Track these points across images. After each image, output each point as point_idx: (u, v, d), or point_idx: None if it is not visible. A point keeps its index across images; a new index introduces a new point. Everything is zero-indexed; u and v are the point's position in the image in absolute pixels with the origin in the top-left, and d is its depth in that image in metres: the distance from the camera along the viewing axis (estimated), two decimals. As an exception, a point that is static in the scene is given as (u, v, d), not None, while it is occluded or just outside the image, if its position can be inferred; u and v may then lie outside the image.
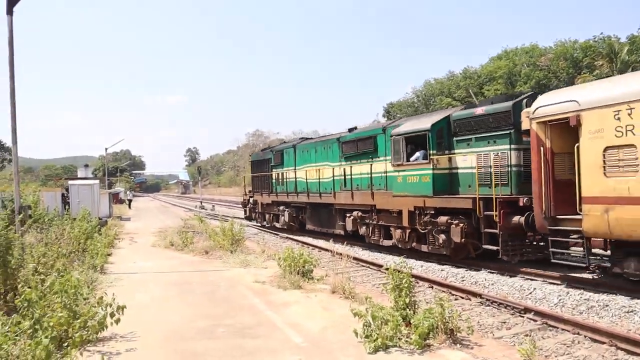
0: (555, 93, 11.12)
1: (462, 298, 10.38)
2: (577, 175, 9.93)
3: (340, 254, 11.63)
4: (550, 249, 10.77)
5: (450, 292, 10.70)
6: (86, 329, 6.87)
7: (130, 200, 57.05)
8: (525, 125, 11.35)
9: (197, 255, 16.02)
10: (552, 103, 10.61)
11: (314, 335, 7.22)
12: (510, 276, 11.79)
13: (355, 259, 14.49)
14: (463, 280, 12.02)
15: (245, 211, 30.86)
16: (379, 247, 16.97)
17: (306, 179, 21.66)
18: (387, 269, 7.90)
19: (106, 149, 55.34)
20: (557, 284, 10.63)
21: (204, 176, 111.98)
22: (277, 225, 25.46)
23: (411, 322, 6.82)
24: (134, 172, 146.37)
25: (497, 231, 12.01)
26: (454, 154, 13.98)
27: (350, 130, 19.86)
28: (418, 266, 13.65)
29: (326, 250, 16.45)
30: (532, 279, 11.25)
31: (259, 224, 28.00)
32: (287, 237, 21.80)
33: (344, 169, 18.79)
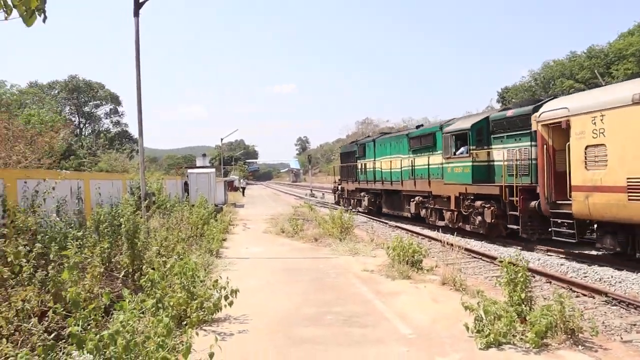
0: (556, 101, 13.53)
1: (584, 295, 9.67)
2: (567, 168, 12.35)
3: (451, 245, 11.29)
4: (552, 228, 13.09)
5: (571, 289, 10.02)
6: (202, 310, 7.25)
7: (243, 188, 59.59)
8: (533, 127, 13.88)
9: (306, 242, 16.35)
10: (552, 109, 13.05)
11: (423, 327, 7.06)
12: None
13: (466, 249, 14.03)
14: (585, 277, 11.22)
15: (334, 197, 35.50)
16: (435, 226, 19.46)
17: (381, 169, 25.50)
18: (500, 261, 7.53)
19: (222, 139, 58.09)
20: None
21: (314, 164, 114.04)
22: (360, 209, 28.77)
23: (527, 318, 6.44)
24: (247, 160, 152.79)
25: (518, 213, 14.40)
26: (491, 149, 16.61)
27: (417, 127, 23.52)
28: (535, 259, 13.00)
29: (436, 240, 16.15)
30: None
31: (345, 208, 28.74)
32: (396, 226, 21.81)
33: (411, 160, 21.90)
